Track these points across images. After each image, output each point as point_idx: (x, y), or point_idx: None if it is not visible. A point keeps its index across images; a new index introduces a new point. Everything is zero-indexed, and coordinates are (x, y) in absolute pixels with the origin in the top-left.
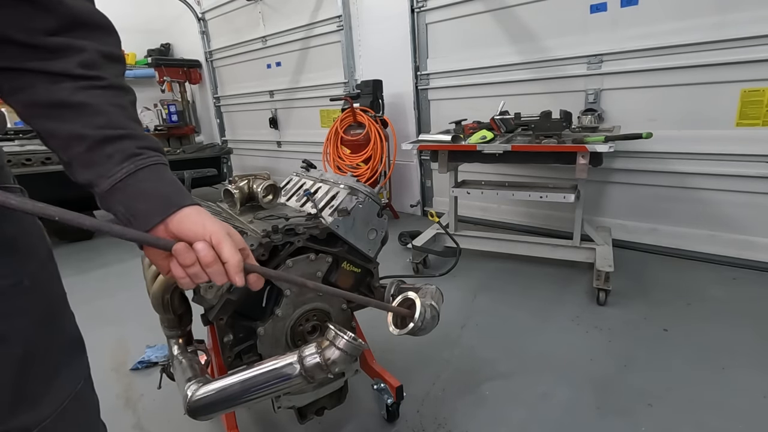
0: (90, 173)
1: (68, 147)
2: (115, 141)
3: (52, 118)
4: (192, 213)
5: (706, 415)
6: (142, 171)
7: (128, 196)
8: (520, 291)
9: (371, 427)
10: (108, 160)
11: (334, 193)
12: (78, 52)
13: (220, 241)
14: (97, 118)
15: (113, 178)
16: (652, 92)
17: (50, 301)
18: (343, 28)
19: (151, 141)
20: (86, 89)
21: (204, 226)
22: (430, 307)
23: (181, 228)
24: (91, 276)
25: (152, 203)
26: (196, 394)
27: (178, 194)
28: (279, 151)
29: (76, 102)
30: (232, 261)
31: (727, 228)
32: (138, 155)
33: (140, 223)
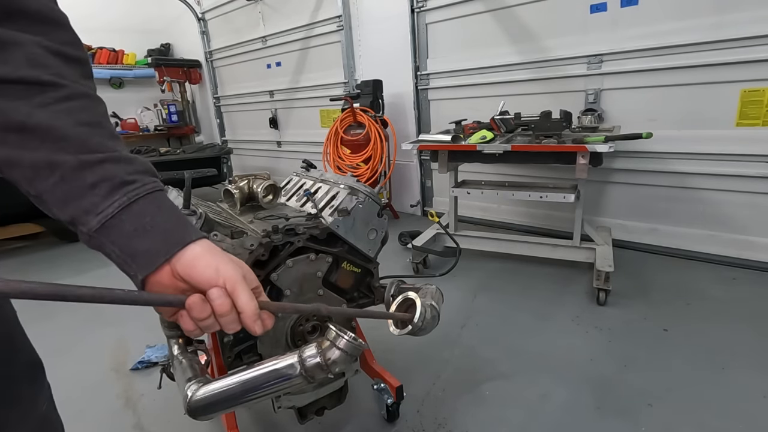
0: (71, 209)
1: (35, 178)
2: (95, 166)
3: (6, 145)
4: (202, 253)
5: (706, 415)
6: (136, 203)
7: (123, 235)
8: (520, 291)
9: (371, 427)
10: (92, 192)
11: (334, 193)
12: (18, 46)
13: (236, 288)
14: (68, 142)
15: (103, 215)
16: (652, 92)
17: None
18: (343, 28)
19: (141, 163)
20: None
21: (217, 270)
22: (430, 307)
23: (192, 273)
24: (91, 276)
25: (153, 241)
26: (196, 395)
27: (181, 228)
28: (279, 151)
29: (35, 124)
30: (248, 309)
31: (727, 228)
32: (129, 183)
33: (140, 264)
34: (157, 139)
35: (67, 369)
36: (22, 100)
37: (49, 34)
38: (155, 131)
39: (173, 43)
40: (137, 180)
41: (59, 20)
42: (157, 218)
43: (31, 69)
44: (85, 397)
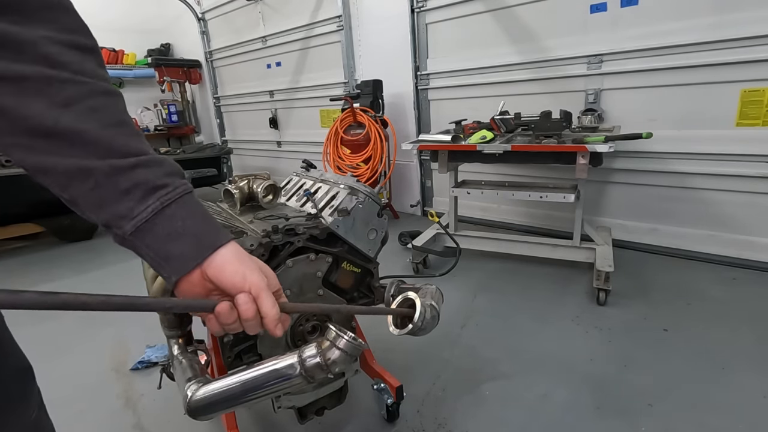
0: (105, 214)
1: (68, 185)
2: (128, 171)
3: (36, 152)
4: (230, 258)
5: (706, 415)
6: (169, 207)
7: (157, 238)
8: (520, 291)
9: (371, 427)
10: (126, 197)
11: (334, 193)
12: (32, 44)
13: (260, 294)
14: (97, 146)
15: (138, 219)
16: (652, 92)
17: None
18: (343, 28)
19: (170, 164)
20: (67, 105)
21: (244, 276)
22: (430, 307)
23: (220, 277)
24: (91, 276)
25: (186, 245)
26: (196, 395)
27: (212, 231)
28: (279, 151)
29: (63, 128)
30: (271, 314)
31: (727, 228)
32: (162, 187)
33: (174, 267)
34: (157, 139)
35: (67, 369)
36: (44, 100)
37: (58, 22)
38: (155, 131)
39: (173, 43)
40: (169, 184)
41: (65, 4)
42: (189, 222)
43: (50, 68)
44: (85, 397)
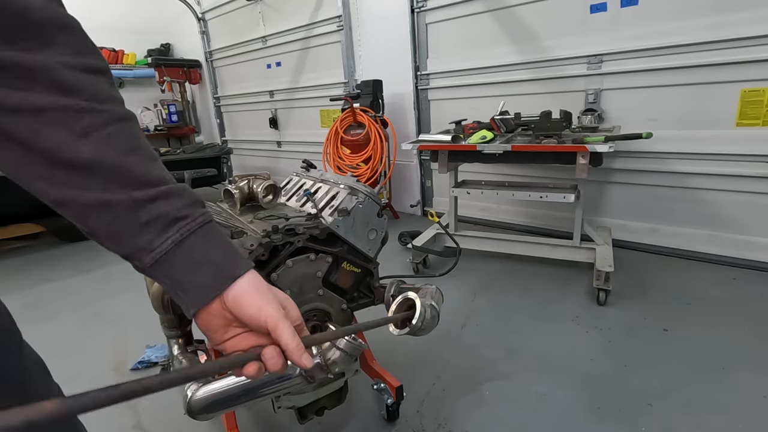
0: (124, 246)
1: (88, 218)
2: (148, 204)
3: (56, 183)
4: (247, 289)
5: (706, 415)
6: (188, 238)
7: (176, 270)
8: (520, 291)
9: (371, 427)
10: (146, 230)
11: (334, 193)
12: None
13: (277, 326)
14: (118, 176)
15: (157, 252)
16: (652, 92)
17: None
18: (343, 28)
19: (189, 194)
20: (86, 134)
21: (260, 308)
22: (430, 307)
23: (237, 308)
24: (91, 276)
25: (204, 275)
26: (196, 395)
27: (230, 262)
28: (279, 151)
29: (84, 160)
30: (291, 346)
31: (727, 228)
32: (181, 219)
33: (192, 298)
34: (157, 139)
35: (67, 369)
36: (62, 131)
37: (69, 45)
38: (155, 131)
39: (173, 43)
40: (188, 215)
41: (72, 26)
42: (208, 252)
43: (66, 96)
44: None
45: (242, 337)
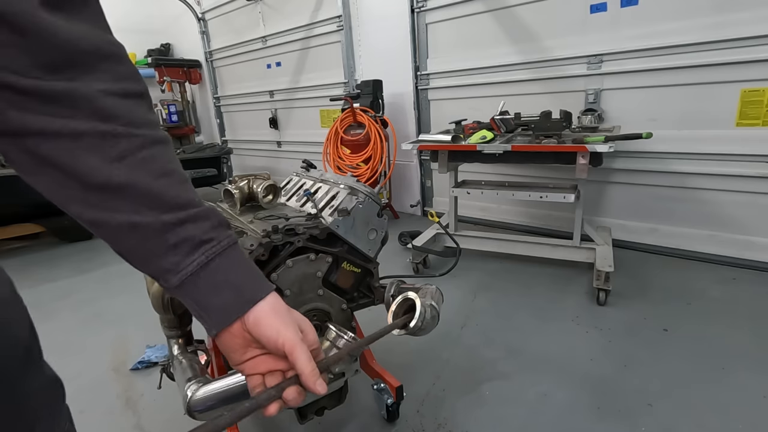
0: (152, 267)
1: (119, 239)
2: (177, 227)
3: (90, 206)
4: (267, 313)
5: (706, 415)
6: (214, 261)
7: (200, 292)
8: (520, 291)
9: (371, 427)
10: (173, 252)
11: (334, 193)
12: (87, 99)
13: (293, 350)
14: (149, 199)
15: (183, 273)
16: (652, 92)
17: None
18: (343, 28)
19: (216, 217)
20: (120, 159)
21: (278, 332)
22: (430, 307)
23: (257, 330)
24: (91, 276)
25: (227, 298)
26: (196, 395)
27: (253, 284)
28: (279, 151)
29: (117, 183)
30: (306, 371)
31: (727, 228)
32: (208, 242)
33: (215, 321)
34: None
35: (67, 369)
36: (98, 156)
37: (111, 72)
38: None
39: (173, 43)
40: (214, 238)
41: (116, 53)
42: (231, 275)
43: (104, 122)
44: (85, 397)
45: (260, 359)
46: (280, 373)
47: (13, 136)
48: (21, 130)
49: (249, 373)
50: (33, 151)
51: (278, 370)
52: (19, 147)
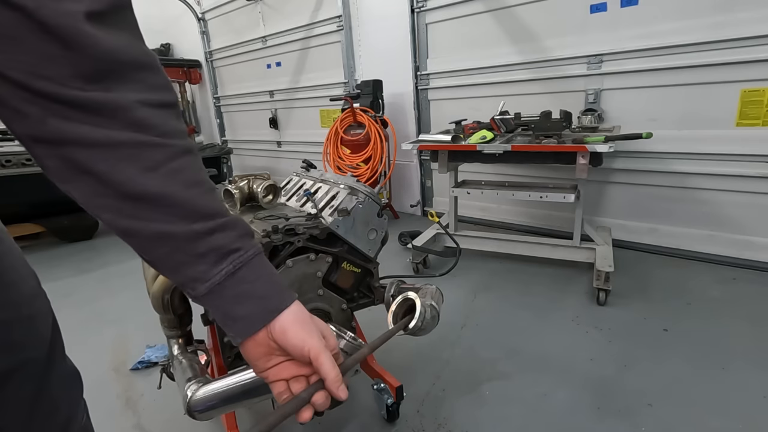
0: (181, 276)
1: (151, 248)
2: (206, 237)
3: (123, 215)
4: (293, 321)
5: (706, 415)
6: (240, 270)
7: (226, 300)
8: (520, 291)
9: (371, 427)
10: (202, 260)
11: (334, 193)
12: (123, 110)
13: (318, 357)
14: (180, 208)
15: (211, 282)
16: (652, 92)
17: (51, 329)
18: (343, 28)
19: (242, 227)
20: (155, 169)
21: (304, 340)
22: (430, 307)
23: (282, 339)
24: (91, 276)
25: (252, 308)
26: (196, 395)
27: (277, 294)
28: (279, 151)
29: (152, 193)
30: (331, 376)
31: (727, 228)
32: (235, 251)
33: (240, 330)
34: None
35: None
36: (134, 166)
37: (146, 83)
38: None
39: (173, 43)
40: (241, 247)
41: (152, 64)
42: (257, 284)
43: (140, 133)
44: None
45: (284, 365)
46: (304, 378)
47: (51, 144)
48: (60, 138)
49: (273, 380)
50: (70, 158)
51: (301, 375)
52: (56, 154)
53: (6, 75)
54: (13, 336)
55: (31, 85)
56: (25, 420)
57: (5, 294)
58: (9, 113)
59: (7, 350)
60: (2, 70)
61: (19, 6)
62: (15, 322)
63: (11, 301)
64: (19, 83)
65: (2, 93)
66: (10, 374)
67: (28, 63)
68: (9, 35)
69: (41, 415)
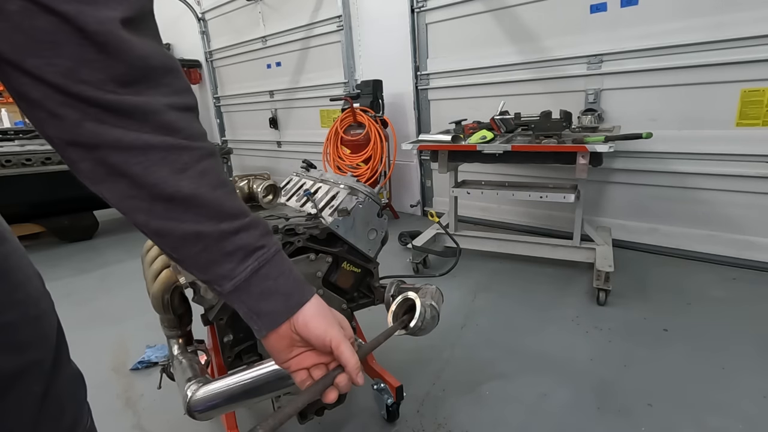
0: (209, 274)
1: (181, 248)
2: (233, 236)
3: (156, 215)
4: (314, 313)
5: (706, 415)
6: (264, 267)
7: (252, 296)
8: (520, 291)
9: (371, 427)
10: (229, 259)
11: (334, 193)
12: (154, 113)
13: (339, 346)
14: (209, 209)
15: (237, 279)
16: (652, 92)
17: (56, 330)
18: (343, 28)
19: (264, 225)
20: (184, 171)
21: (325, 331)
22: (430, 307)
23: (306, 331)
24: (91, 276)
25: (277, 302)
26: (196, 395)
27: (299, 289)
28: (279, 151)
29: (184, 194)
30: (351, 364)
31: (727, 228)
32: (259, 249)
33: (265, 323)
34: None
35: None
36: (166, 168)
37: (172, 87)
38: None
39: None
40: (265, 245)
41: (176, 68)
42: (280, 280)
43: (170, 135)
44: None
45: (305, 355)
46: (324, 366)
47: (87, 147)
48: (96, 142)
49: (295, 369)
50: (105, 161)
51: (321, 363)
52: (91, 157)
53: (43, 78)
54: (21, 337)
55: (69, 88)
56: (32, 422)
57: (13, 294)
58: (44, 116)
59: (15, 351)
60: (40, 74)
61: (60, 12)
62: (22, 323)
63: (18, 301)
64: (56, 86)
65: (38, 96)
66: (19, 376)
67: (66, 67)
68: (49, 40)
69: (48, 417)
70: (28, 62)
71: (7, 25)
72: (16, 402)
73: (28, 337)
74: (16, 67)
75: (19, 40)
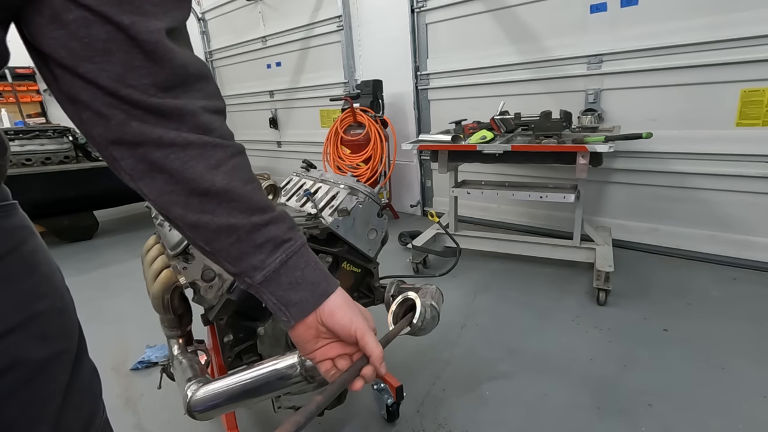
0: (241, 265)
1: (214, 240)
2: (263, 229)
3: (192, 209)
4: (339, 303)
5: (706, 415)
6: (291, 258)
7: (281, 287)
8: (520, 291)
9: (371, 427)
10: (260, 251)
11: (334, 193)
12: (191, 115)
13: (364, 336)
14: (240, 203)
15: (267, 270)
16: (652, 92)
17: (77, 324)
18: (343, 28)
19: (290, 220)
20: (218, 167)
21: (351, 320)
22: (430, 307)
23: (331, 321)
24: (91, 276)
25: (304, 293)
26: (196, 395)
27: (324, 280)
28: (279, 151)
29: (218, 189)
30: (376, 353)
31: (727, 228)
32: (287, 241)
33: (293, 314)
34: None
35: None
36: (203, 164)
37: (204, 91)
38: None
39: None
40: (292, 238)
41: (208, 75)
42: (307, 271)
43: (205, 134)
44: None
45: (330, 346)
46: (348, 356)
47: (130, 145)
48: (140, 140)
49: (320, 360)
50: (146, 158)
51: (345, 353)
52: (134, 154)
53: (95, 82)
54: (50, 327)
55: (119, 91)
56: (56, 411)
57: (41, 286)
58: (90, 116)
59: (44, 341)
60: (93, 78)
61: (116, 21)
62: (50, 314)
63: (46, 293)
64: (107, 90)
65: (87, 98)
66: (46, 365)
67: (117, 72)
68: (102, 48)
69: (71, 407)
70: (81, 67)
71: (64, 33)
72: (43, 390)
73: (55, 327)
74: (70, 71)
75: (75, 46)
